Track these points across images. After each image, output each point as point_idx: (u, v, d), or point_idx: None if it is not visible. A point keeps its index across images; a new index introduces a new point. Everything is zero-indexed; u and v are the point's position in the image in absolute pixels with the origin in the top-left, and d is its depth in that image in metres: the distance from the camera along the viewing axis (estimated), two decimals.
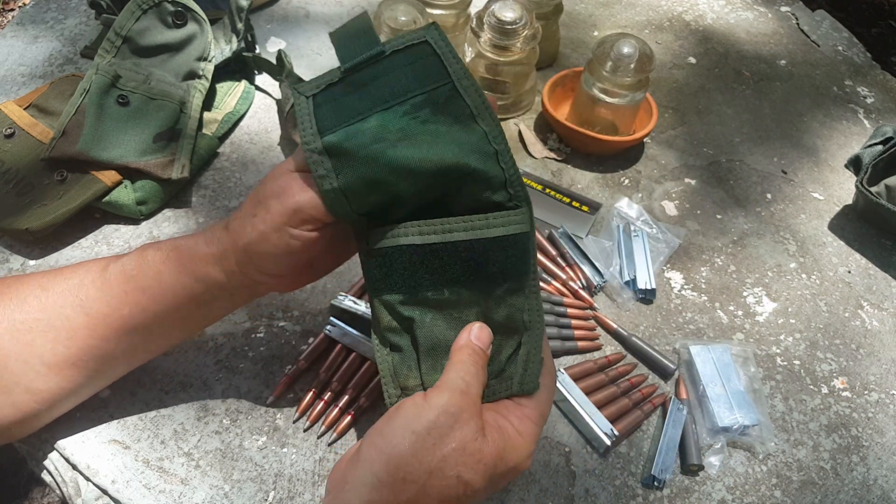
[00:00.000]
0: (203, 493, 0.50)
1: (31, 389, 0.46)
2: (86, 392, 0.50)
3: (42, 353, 0.46)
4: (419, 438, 0.38)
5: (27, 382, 0.46)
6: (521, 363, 0.43)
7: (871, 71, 0.99)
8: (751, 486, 0.56)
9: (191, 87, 0.70)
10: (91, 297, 0.46)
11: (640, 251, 0.69)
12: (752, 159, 0.83)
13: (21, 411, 0.47)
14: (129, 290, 0.46)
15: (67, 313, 0.46)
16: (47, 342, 0.46)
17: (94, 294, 0.46)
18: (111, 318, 0.46)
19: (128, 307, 0.46)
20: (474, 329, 0.42)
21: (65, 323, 0.46)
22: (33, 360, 0.46)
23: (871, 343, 0.67)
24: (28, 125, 0.67)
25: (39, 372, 0.46)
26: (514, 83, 0.80)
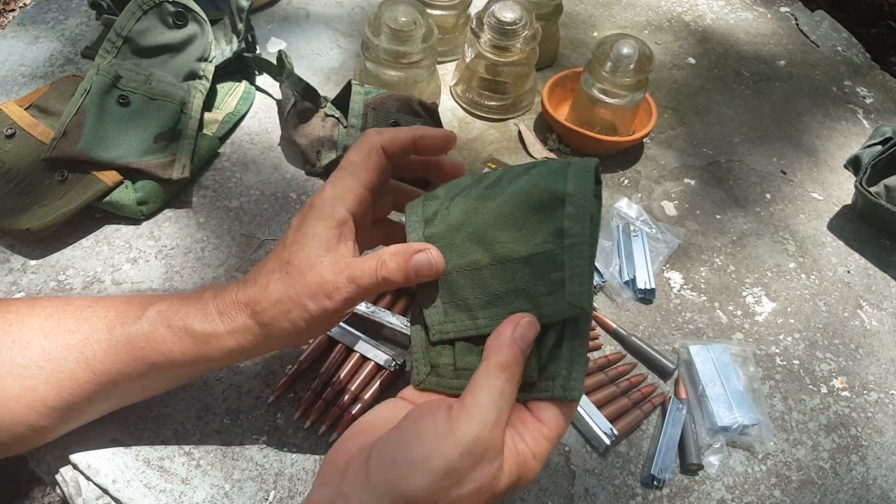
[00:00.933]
0: (204, 492, 0.50)
1: (35, 428, 0.46)
2: (88, 419, 0.50)
3: (45, 399, 0.46)
4: (436, 479, 0.34)
5: (31, 422, 0.46)
6: (565, 362, 0.38)
7: (871, 71, 0.99)
8: (750, 485, 0.56)
9: (191, 88, 0.70)
10: (97, 359, 0.46)
11: (639, 251, 0.69)
12: (751, 159, 0.83)
13: (25, 445, 0.48)
14: (137, 359, 0.46)
15: (72, 367, 0.46)
16: (51, 390, 0.46)
17: (101, 356, 0.46)
18: (117, 377, 0.46)
19: (136, 373, 0.46)
20: (521, 324, 0.38)
21: (69, 375, 0.46)
22: (36, 404, 0.46)
23: (870, 343, 0.67)
24: (29, 125, 0.67)
25: (42, 413, 0.46)
26: (513, 83, 0.81)
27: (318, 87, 0.74)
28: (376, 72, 0.76)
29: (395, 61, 0.74)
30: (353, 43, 0.89)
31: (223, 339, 0.44)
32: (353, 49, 0.89)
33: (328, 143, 0.70)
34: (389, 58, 0.74)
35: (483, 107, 0.82)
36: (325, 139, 0.70)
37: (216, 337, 0.44)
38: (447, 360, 0.42)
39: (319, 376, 0.56)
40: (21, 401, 0.45)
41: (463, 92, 0.83)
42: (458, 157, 0.77)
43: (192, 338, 0.45)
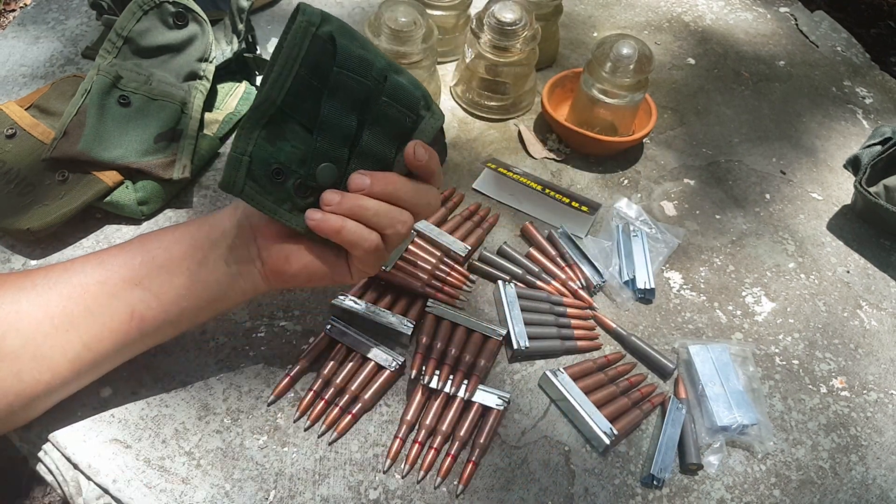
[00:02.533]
0: (204, 492, 0.50)
1: (37, 356, 0.47)
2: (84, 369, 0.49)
3: (53, 314, 0.47)
4: None
5: (34, 348, 0.47)
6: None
7: (870, 71, 0.99)
8: (750, 485, 0.56)
9: (192, 88, 0.70)
10: (111, 253, 0.50)
11: (639, 251, 0.69)
12: (750, 160, 0.83)
13: (23, 381, 0.47)
14: (145, 240, 0.51)
15: (87, 269, 0.49)
16: (61, 299, 0.47)
17: (114, 251, 0.50)
18: (123, 268, 0.49)
19: (140, 256, 0.49)
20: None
21: (81, 279, 0.48)
22: (44, 322, 0.47)
23: (869, 343, 0.67)
24: (29, 125, 0.67)
25: (47, 333, 0.47)
26: (513, 84, 0.81)
27: None
28: None
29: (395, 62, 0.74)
30: None
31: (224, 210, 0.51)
32: None
33: None
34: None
35: (483, 107, 0.82)
36: None
37: (219, 211, 0.52)
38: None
39: (320, 376, 0.56)
40: (31, 318, 0.47)
41: (463, 92, 0.83)
42: (458, 158, 0.77)
43: (200, 217, 0.51)
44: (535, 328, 0.62)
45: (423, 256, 0.65)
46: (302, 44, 0.45)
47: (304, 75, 0.45)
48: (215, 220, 0.51)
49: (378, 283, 0.62)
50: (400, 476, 0.53)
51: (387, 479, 0.53)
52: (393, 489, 0.52)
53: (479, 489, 0.53)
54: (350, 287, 0.63)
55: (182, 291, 0.50)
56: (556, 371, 0.59)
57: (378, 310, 0.60)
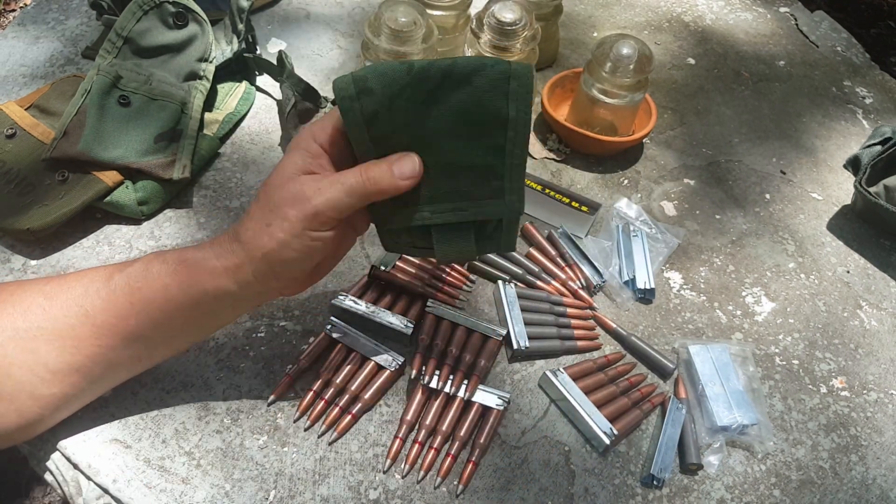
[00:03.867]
0: (204, 492, 0.50)
1: (35, 395, 0.46)
2: (89, 396, 0.50)
3: (47, 361, 0.46)
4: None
5: (31, 389, 0.46)
6: (502, 243, 0.50)
7: (870, 71, 0.99)
8: (750, 485, 0.56)
9: (192, 88, 0.70)
10: (97, 308, 0.46)
11: (639, 251, 0.69)
12: (750, 159, 0.83)
13: (25, 417, 0.47)
14: (135, 301, 0.46)
15: (72, 322, 0.46)
16: (52, 350, 0.46)
17: (100, 305, 0.46)
18: (118, 327, 0.46)
19: (134, 318, 0.46)
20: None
21: (70, 332, 0.46)
22: (38, 368, 0.46)
23: (869, 343, 0.67)
24: (29, 126, 0.67)
25: (44, 378, 0.46)
26: None
27: (318, 87, 0.74)
28: None
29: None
30: (353, 43, 0.90)
31: (213, 264, 0.46)
32: (353, 49, 0.89)
33: None
34: (390, 58, 0.74)
35: None
36: None
37: (207, 262, 0.46)
38: (407, 239, 0.50)
39: (320, 376, 0.56)
40: (23, 365, 0.45)
41: None
42: None
43: (186, 266, 0.46)
44: (535, 328, 0.62)
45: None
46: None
47: None
48: (220, 286, 0.46)
49: (378, 283, 0.62)
50: (400, 476, 0.53)
51: (387, 479, 0.53)
52: (393, 489, 0.52)
53: (479, 489, 0.53)
54: (350, 287, 0.63)
55: (190, 337, 0.51)
56: (556, 371, 0.59)
57: (378, 310, 0.59)
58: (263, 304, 0.53)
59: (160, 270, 0.46)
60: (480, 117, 0.46)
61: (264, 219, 0.45)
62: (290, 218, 0.44)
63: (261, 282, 0.46)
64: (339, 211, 0.44)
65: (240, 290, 0.47)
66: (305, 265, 0.47)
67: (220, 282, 0.46)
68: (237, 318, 0.52)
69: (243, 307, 0.50)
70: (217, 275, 0.46)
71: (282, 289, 0.50)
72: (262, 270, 0.46)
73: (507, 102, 0.45)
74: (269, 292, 0.49)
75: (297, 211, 0.44)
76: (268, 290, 0.48)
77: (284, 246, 0.44)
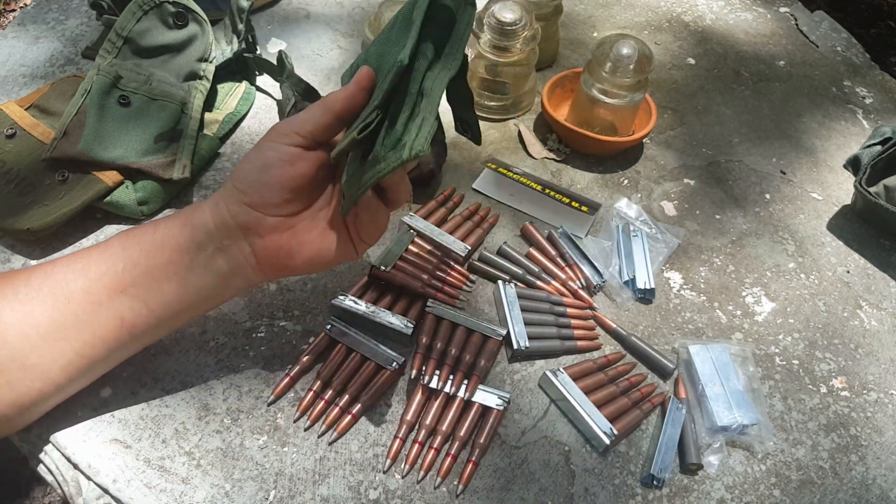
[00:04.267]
0: (204, 492, 0.50)
1: (26, 366, 0.46)
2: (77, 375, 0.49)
3: (39, 324, 0.46)
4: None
5: (22, 358, 0.46)
6: (416, 128, 0.45)
7: (870, 71, 0.99)
8: (750, 485, 0.56)
9: (192, 88, 0.70)
10: (93, 260, 0.48)
11: (639, 251, 0.69)
12: (750, 159, 0.83)
13: (15, 391, 0.46)
14: (126, 244, 0.49)
15: (69, 277, 0.47)
16: (46, 310, 0.46)
17: (96, 255, 0.48)
18: (106, 276, 0.47)
19: (122, 263, 0.48)
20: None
21: (64, 287, 0.47)
22: (30, 332, 0.46)
23: (869, 343, 0.67)
24: (29, 125, 0.67)
25: (35, 344, 0.46)
26: (513, 84, 0.81)
27: (318, 87, 0.74)
28: None
29: None
30: (353, 43, 0.90)
31: (199, 205, 0.50)
32: (353, 49, 0.89)
33: None
34: None
35: (483, 107, 0.82)
36: None
37: (193, 205, 0.50)
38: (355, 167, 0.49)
39: (320, 376, 0.56)
40: (17, 329, 0.46)
41: None
42: (458, 158, 0.77)
43: (176, 211, 0.50)
44: (535, 328, 0.62)
45: (423, 256, 0.65)
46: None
47: None
48: (197, 220, 0.49)
49: (378, 283, 0.62)
50: (400, 476, 0.53)
51: (387, 479, 0.53)
52: (393, 489, 0.52)
53: (479, 489, 0.53)
54: (350, 287, 0.63)
55: (171, 296, 0.49)
56: (556, 371, 0.59)
57: (378, 310, 0.60)
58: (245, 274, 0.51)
59: (156, 223, 0.50)
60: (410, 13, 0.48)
61: (252, 160, 0.49)
62: (258, 141, 0.49)
63: (229, 209, 0.48)
64: (299, 123, 0.48)
65: (213, 223, 0.49)
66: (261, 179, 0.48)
67: (197, 213, 0.49)
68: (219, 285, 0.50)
69: (220, 258, 0.49)
70: (196, 208, 0.50)
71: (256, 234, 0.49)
72: (228, 190, 0.49)
73: None
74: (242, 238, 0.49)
75: (265, 135, 0.50)
76: (239, 227, 0.49)
77: (245, 160, 0.49)
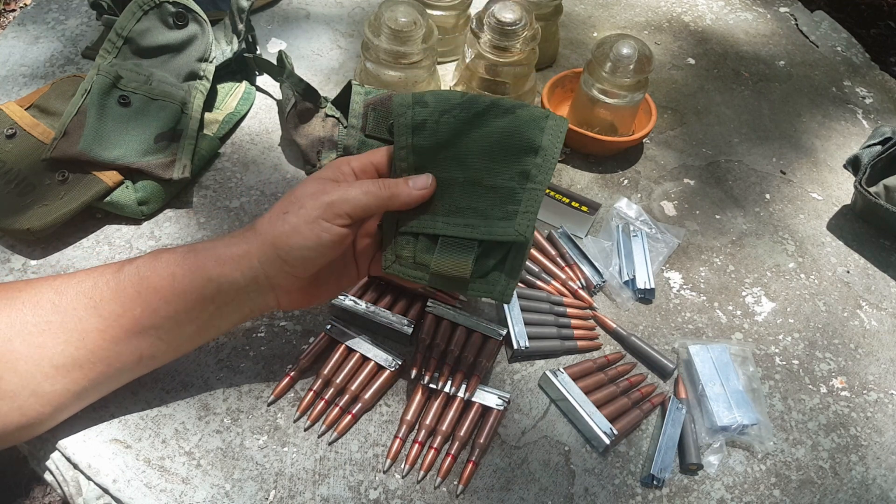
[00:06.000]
0: (204, 492, 0.50)
1: (38, 392, 0.46)
2: (89, 398, 0.50)
3: (52, 355, 0.46)
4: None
5: (34, 386, 0.46)
6: (507, 274, 0.50)
7: (870, 71, 0.99)
8: (750, 485, 0.56)
9: (192, 88, 0.70)
10: (105, 299, 0.47)
11: (639, 251, 0.69)
12: (750, 159, 0.83)
13: (26, 416, 0.46)
14: (142, 290, 0.47)
15: (80, 315, 0.46)
16: (58, 344, 0.46)
17: (108, 295, 0.47)
18: (123, 318, 0.47)
19: (140, 308, 0.47)
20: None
21: (77, 325, 0.46)
22: (43, 363, 0.46)
23: (869, 343, 0.67)
24: (29, 125, 0.67)
25: (48, 374, 0.46)
26: (513, 84, 0.81)
27: (318, 87, 0.74)
28: (376, 72, 0.76)
29: (395, 62, 0.74)
30: (353, 43, 0.90)
31: (221, 252, 0.47)
32: (353, 49, 0.89)
33: (328, 143, 0.70)
34: (389, 58, 0.74)
35: None
36: (325, 139, 0.70)
37: (215, 249, 0.48)
38: (409, 254, 0.51)
39: (320, 376, 0.56)
40: (28, 360, 0.45)
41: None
42: None
43: (194, 254, 0.47)
44: (535, 328, 0.62)
45: None
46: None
47: None
48: (225, 277, 0.47)
49: (378, 283, 0.62)
50: (400, 476, 0.53)
51: (387, 479, 0.53)
52: (393, 489, 0.52)
53: (479, 489, 0.53)
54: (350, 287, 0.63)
55: (192, 335, 0.50)
56: (556, 371, 0.59)
57: (378, 310, 0.60)
58: (264, 313, 0.53)
59: (169, 259, 0.48)
60: (515, 142, 0.49)
61: (283, 209, 0.47)
62: (307, 206, 0.47)
63: (266, 272, 0.48)
64: (353, 206, 0.47)
65: (244, 281, 0.48)
66: (311, 257, 0.47)
67: (226, 269, 0.47)
68: (240, 321, 0.51)
69: (245, 306, 0.50)
70: (223, 262, 0.47)
71: (284, 291, 0.50)
72: (269, 256, 0.47)
73: (541, 134, 0.49)
74: (271, 291, 0.49)
75: (314, 200, 0.47)
76: (270, 286, 0.49)
77: (295, 230, 0.46)
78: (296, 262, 0.48)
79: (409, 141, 0.50)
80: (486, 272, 0.50)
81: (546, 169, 0.49)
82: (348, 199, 0.47)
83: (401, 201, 0.49)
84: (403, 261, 0.51)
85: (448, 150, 0.50)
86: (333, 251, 0.48)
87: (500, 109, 0.50)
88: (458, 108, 0.50)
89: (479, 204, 0.50)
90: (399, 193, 0.49)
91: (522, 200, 0.49)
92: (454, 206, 0.50)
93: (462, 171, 0.50)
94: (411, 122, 0.50)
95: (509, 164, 0.49)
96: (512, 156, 0.49)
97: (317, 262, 0.48)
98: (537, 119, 0.50)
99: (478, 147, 0.50)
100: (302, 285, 0.50)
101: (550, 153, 0.49)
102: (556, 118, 0.50)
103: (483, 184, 0.50)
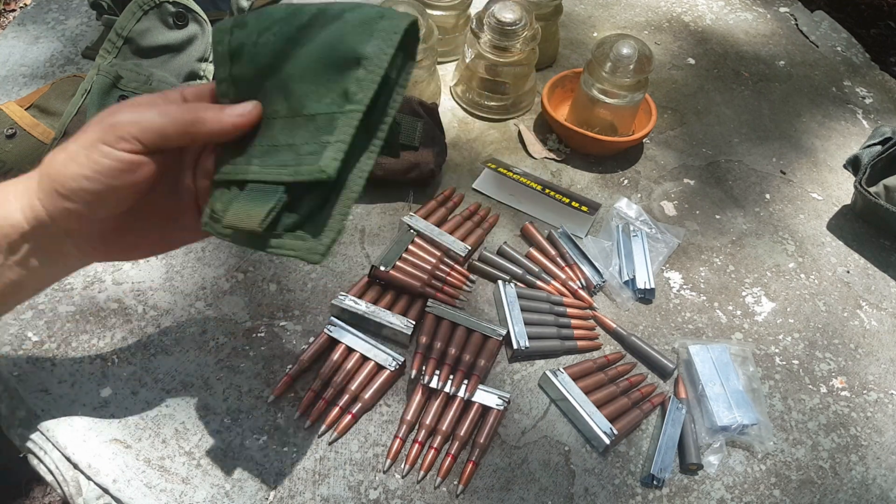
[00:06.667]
0: (204, 491, 0.50)
1: None
2: None
3: None
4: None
5: None
6: (316, 226, 0.39)
7: (870, 71, 0.99)
8: (749, 485, 0.56)
9: None
10: None
11: (639, 251, 0.69)
12: (750, 159, 0.83)
13: None
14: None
15: None
16: None
17: None
18: None
19: None
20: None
21: None
22: None
23: (869, 343, 0.67)
24: (29, 125, 0.67)
25: None
26: (513, 84, 0.81)
27: None
28: None
29: None
30: None
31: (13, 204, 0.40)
32: None
33: None
34: None
35: (483, 107, 0.82)
36: None
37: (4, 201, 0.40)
38: (221, 206, 0.41)
39: (320, 376, 0.56)
40: None
41: (463, 92, 0.83)
42: (458, 158, 0.77)
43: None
44: (535, 328, 0.62)
45: (423, 256, 0.65)
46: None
47: None
48: (4, 216, 0.40)
49: (378, 283, 0.62)
50: (400, 476, 0.53)
51: (387, 478, 0.53)
52: (393, 489, 0.52)
53: (479, 489, 0.53)
54: (350, 287, 0.63)
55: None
56: (556, 371, 0.59)
57: (378, 310, 0.60)
58: (76, 268, 0.45)
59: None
60: (339, 54, 0.39)
61: (70, 149, 0.39)
62: (88, 130, 0.39)
63: (49, 211, 0.39)
64: (142, 129, 0.38)
65: (27, 224, 0.40)
66: (92, 188, 0.39)
67: (4, 209, 0.40)
68: (44, 280, 0.43)
69: (42, 255, 0.42)
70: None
71: (85, 239, 0.42)
72: (48, 190, 0.39)
73: (368, 40, 0.38)
74: (67, 239, 0.41)
75: (96, 123, 0.39)
76: (64, 232, 0.41)
77: (71, 158, 0.38)
78: (76, 196, 0.39)
79: (228, 72, 0.42)
80: (298, 224, 0.39)
81: (368, 84, 0.37)
82: (138, 120, 0.38)
83: (208, 129, 0.39)
84: (216, 215, 0.41)
85: (271, 77, 0.41)
86: (120, 182, 0.39)
87: (326, 17, 0.40)
88: (278, 24, 0.40)
89: (294, 139, 0.39)
90: (205, 118, 0.39)
91: (337, 128, 0.38)
92: (272, 145, 0.40)
93: (286, 101, 0.40)
94: (228, 48, 0.41)
95: (332, 83, 0.39)
96: (335, 73, 0.39)
97: (104, 198, 0.39)
98: (368, 21, 0.39)
99: (299, 69, 0.40)
100: (105, 231, 0.42)
101: (376, 62, 0.37)
102: (392, 16, 0.39)
103: (303, 113, 0.39)
